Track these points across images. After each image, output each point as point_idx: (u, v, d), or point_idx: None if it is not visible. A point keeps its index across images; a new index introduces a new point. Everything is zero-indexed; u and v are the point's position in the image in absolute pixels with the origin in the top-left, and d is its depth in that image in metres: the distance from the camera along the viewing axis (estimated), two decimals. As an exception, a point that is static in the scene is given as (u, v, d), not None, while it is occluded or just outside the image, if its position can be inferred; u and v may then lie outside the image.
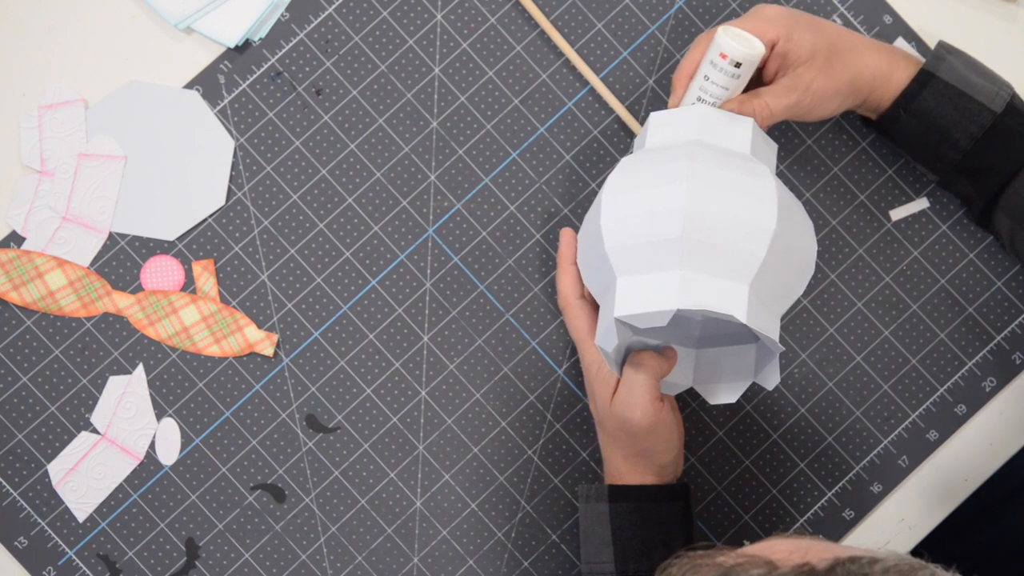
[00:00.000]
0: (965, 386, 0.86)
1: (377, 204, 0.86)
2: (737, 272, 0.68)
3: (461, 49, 0.87)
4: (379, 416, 0.84)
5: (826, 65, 0.76)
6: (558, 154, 0.86)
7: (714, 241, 0.68)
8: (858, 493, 0.85)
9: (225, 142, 0.85)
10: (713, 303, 0.67)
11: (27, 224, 0.84)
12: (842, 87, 0.77)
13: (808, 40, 0.76)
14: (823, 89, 0.76)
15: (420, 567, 0.84)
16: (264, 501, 0.84)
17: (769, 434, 0.85)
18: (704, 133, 0.74)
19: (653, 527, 0.75)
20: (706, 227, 0.68)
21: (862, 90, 0.78)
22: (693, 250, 0.68)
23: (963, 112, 0.76)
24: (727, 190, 0.69)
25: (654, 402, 0.74)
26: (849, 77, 0.77)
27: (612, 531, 0.75)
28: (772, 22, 0.76)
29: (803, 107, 0.76)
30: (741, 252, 0.68)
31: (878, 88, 0.78)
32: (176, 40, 0.86)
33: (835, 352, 0.86)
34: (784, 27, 0.76)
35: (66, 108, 0.85)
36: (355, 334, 0.85)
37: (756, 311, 0.68)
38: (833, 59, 0.76)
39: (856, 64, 0.77)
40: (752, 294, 0.68)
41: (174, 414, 0.84)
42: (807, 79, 0.76)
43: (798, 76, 0.76)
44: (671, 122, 0.76)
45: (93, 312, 0.84)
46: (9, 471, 0.83)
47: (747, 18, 0.77)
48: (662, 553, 0.75)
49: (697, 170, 0.70)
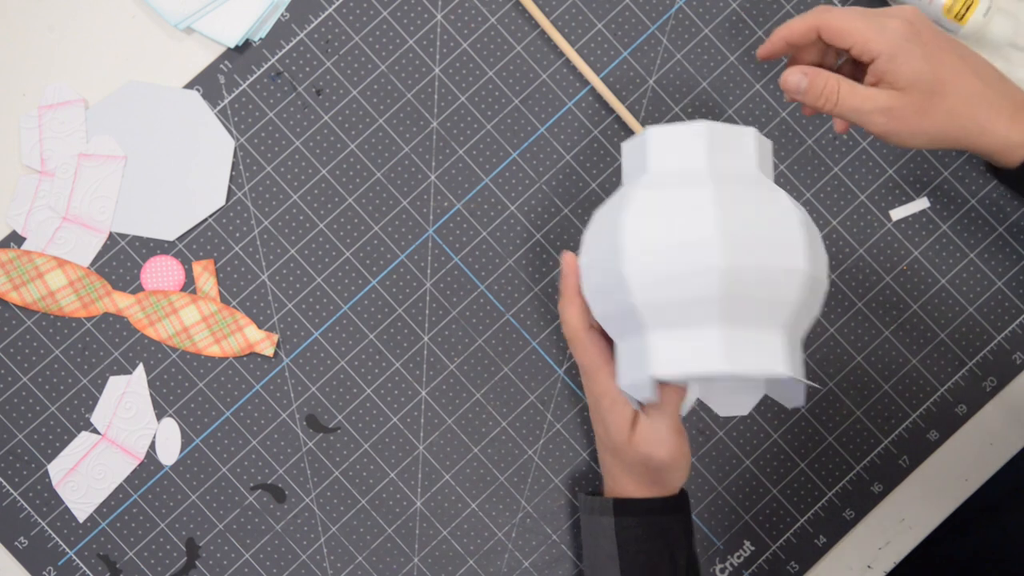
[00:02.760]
0: (965, 386, 0.86)
1: (377, 204, 0.86)
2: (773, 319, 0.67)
3: (461, 49, 0.87)
4: (379, 416, 0.84)
5: (922, 101, 0.69)
6: (558, 154, 0.86)
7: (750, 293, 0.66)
8: (858, 493, 0.85)
9: (225, 142, 0.85)
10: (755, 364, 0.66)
11: (27, 224, 0.84)
12: (930, 131, 0.70)
13: (912, 70, 0.69)
14: (905, 123, 0.70)
15: (420, 567, 0.84)
16: (264, 501, 0.84)
17: (769, 434, 0.85)
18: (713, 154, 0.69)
19: (658, 540, 0.74)
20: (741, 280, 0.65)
21: (963, 142, 0.71)
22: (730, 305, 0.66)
23: None
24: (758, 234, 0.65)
25: (678, 437, 0.72)
26: (945, 126, 0.70)
27: (618, 545, 0.75)
28: (882, 34, 0.69)
29: (874, 125, 0.70)
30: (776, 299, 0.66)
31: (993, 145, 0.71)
32: (176, 40, 0.86)
33: (835, 352, 0.86)
34: (891, 45, 0.69)
35: (66, 108, 0.85)
36: (355, 334, 0.85)
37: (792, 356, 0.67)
38: (934, 98, 0.69)
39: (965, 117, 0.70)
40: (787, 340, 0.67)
41: (174, 414, 0.84)
42: (891, 102, 0.70)
43: (886, 95, 0.70)
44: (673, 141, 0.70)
45: (93, 312, 0.84)
46: (9, 471, 0.83)
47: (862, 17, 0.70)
48: (668, 566, 0.75)
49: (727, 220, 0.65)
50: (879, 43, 0.69)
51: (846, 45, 0.71)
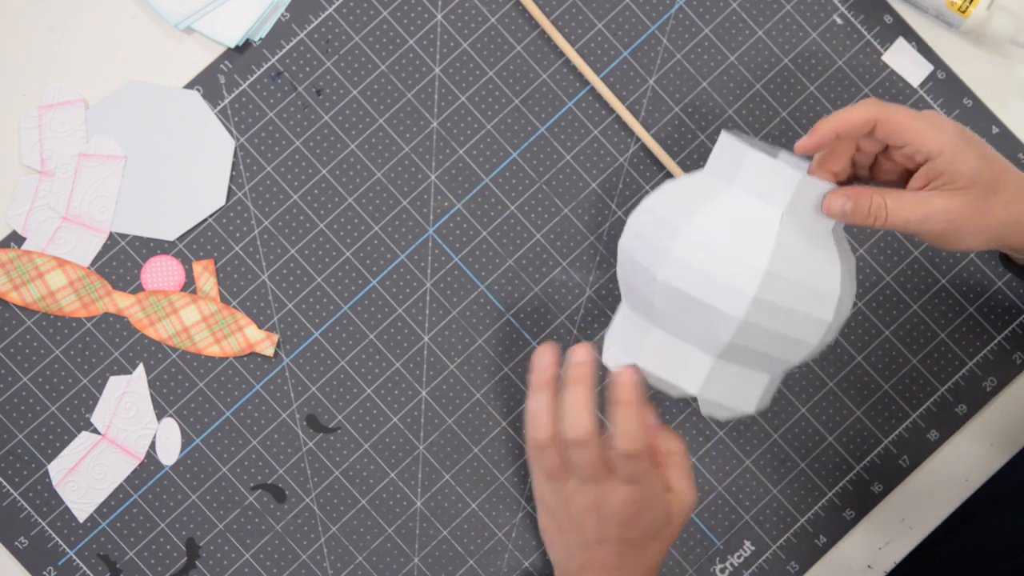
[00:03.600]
0: (965, 386, 0.86)
1: (377, 204, 0.86)
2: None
3: (461, 49, 0.87)
4: (379, 416, 0.84)
5: (981, 200, 0.67)
6: (558, 154, 0.86)
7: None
8: (858, 493, 0.85)
9: (225, 142, 0.85)
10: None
11: (27, 224, 0.84)
12: (990, 227, 0.68)
13: (972, 168, 0.67)
14: (966, 223, 0.67)
15: (420, 567, 0.84)
16: (264, 501, 0.84)
17: (769, 434, 0.85)
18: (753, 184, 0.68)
19: None
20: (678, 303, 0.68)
21: (1017, 236, 0.70)
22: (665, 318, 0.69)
23: None
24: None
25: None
26: (1003, 220, 0.68)
27: None
28: (940, 133, 0.67)
29: (934, 230, 0.67)
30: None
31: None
32: (176, 40, 0.86)
33: (835, 352, 0.86)
34: (951, 144, 0.67)
35: (66, 108, 0.85)
36: (355, 334, 0.85)
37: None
38: (991, 197, 0.67)
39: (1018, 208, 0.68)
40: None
41: (174, 414, 0.84)
42: (950, 204, 0.67)
43: (942, 197, 0.67)
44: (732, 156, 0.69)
45: (93, 312, 0.84)
46: (9, 471, 0.83)
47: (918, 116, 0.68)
48: None
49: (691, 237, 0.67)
50: (938, 142, 0.67)
51: (902, 143, 0.68)
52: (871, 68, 0.87)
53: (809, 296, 0.67)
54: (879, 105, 0.67)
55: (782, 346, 0.69)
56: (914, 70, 0.88)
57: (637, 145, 0.87)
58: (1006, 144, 0.87)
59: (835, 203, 0.67)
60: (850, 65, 0.87)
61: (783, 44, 0.87)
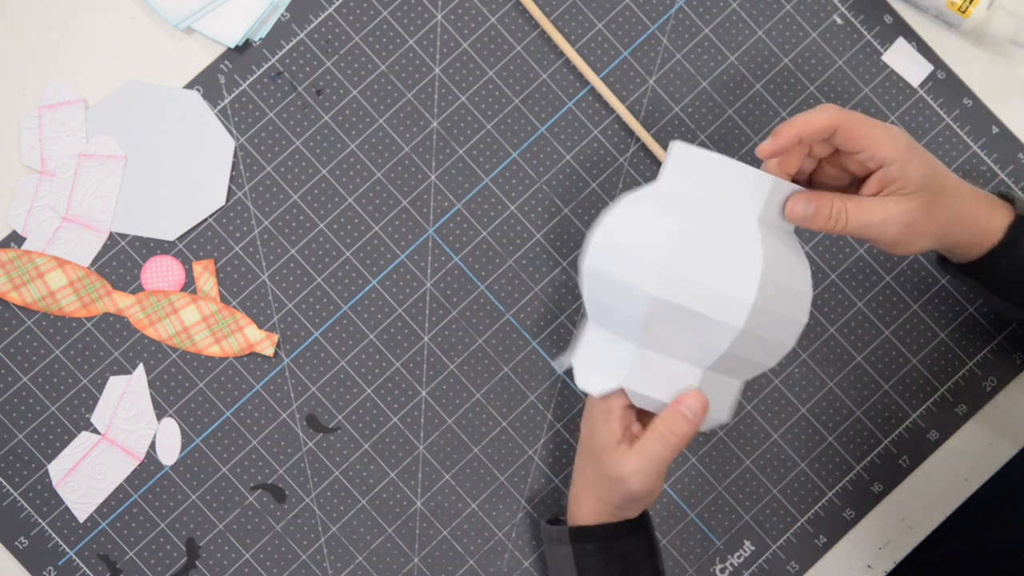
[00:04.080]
0: (965, 386, 0.86)
1: (377, 204, 0.86)
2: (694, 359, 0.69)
3: (461, 49, 0.87)
4: (379, 416, 0.84)
5: (929, 204, 0.70)
6: (558, 154, 0.86)
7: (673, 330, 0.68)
8: (858, 493, 0.85)
9: (225, 142, 0.85)
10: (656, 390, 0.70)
11: (27, 224, 0.84)
12: (937, 230, 0.71)
13: (922, 173, 0.69)
14: (919, 226, 0.70)
15: (420, 567, 0.84)
16: (264, 501, 0.84)
17: (769, 434, 0.85)
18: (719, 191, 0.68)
19: (618, 564, 0.74)
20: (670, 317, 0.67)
21: (954, 235, 0.73)
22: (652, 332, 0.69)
23: None
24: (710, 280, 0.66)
25: (660, 480, 0.71)
26: (945, 221, 0.71)
27: (578, 573, 0.74)
28: (894, 140, 0.69)
29: (887, 235, 0.70)
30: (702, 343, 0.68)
31: (975, 235, 0.73)
32: (176, 40, 0.86)
33: (835, 352, 0.86)
34: (903, 152, 0.69)
35: (66, 108, 0.85)
36: (355, 334, 0.85)
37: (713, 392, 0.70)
38: (937, 200, 0.70)
39: (957, 210, 0.72)
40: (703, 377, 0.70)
41: (174, 414, 0.84)
42: (903, 208, 0.69)
43: (895, 202, 0.70)
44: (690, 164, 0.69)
45: (93, 312, 0.84)
46: (9, 471, 0.83)
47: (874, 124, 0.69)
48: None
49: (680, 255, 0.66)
50: (892, 149, 0.69)
51: (859, 148, 0.69)
52: (871, 68, 0.87)
53: (791, 299, 0.68)
54: (840, 111, 0.69)
55: (765, 351, 0.69)
56: (914, 70, 0.88)
57: (637, 145, 0.87)
58: (1006, 144, 0.87)
59: (797, 208, 0.69)
60: (850, 65, 0.87)
61: (783, 44, 0.87)
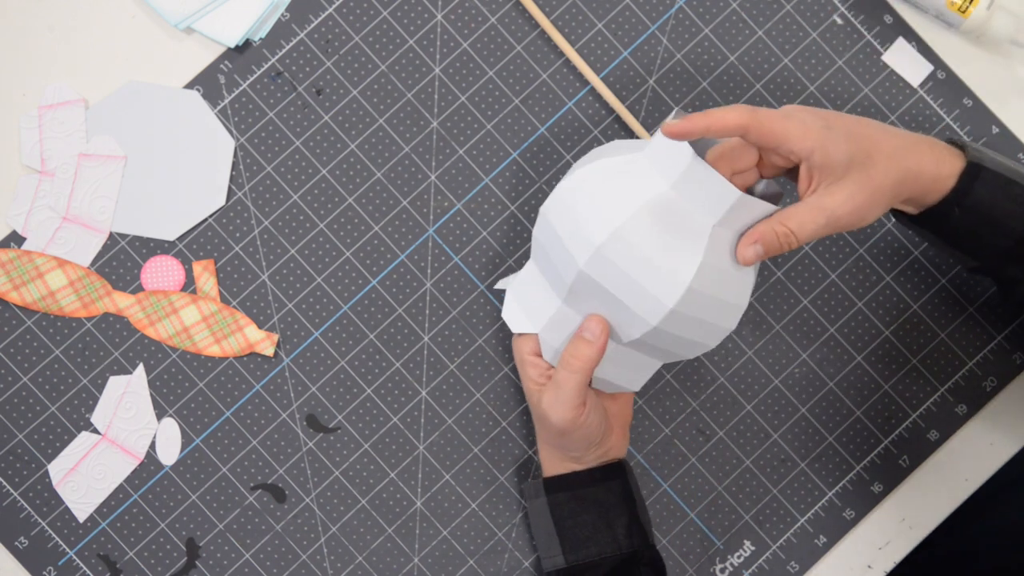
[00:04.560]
0: (965, 386, 0.86)
1: (377, 204, 0.86)
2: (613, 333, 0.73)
3: (461, 49, 0.87)
4: (379, 416, 0.84)
5: (864, 177, 0.69)
6: (558, 154, 0.86)
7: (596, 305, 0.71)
8: (858, 493, 0.85)
9: (225, 142, 0.85)
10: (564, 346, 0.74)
11: (27, 224, 0.84)
12: (883, 196, 0.71)
13: (844, 153, 0.69)
14: (862, 204, 0.70)
15: (420, 567, 0.84)
16: (264, 501, 0.84)
17: (769, 434, 0.85)
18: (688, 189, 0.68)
19: (592, 511, 0.77)
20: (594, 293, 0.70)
21: (905, 192, 0.72)
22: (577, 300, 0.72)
23: (1015, 199, 0.73)
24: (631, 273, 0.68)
25: (576, 408, 0.74)
26: (891, 183, 0.70)
27: (554, 522, 0.77)
28: (807, 130, 0.69)
29: (840, 224, 0.70)
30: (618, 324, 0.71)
31: (925, 186, 0.72)
32: (176, 40, 0.86)
33: (835, 352, 0.86)
34: (819, 139, 0.69)
35: (66, 108, 0.85)
36: (355, 334, 0.85)
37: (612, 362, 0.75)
38: (871, 168, 0.70)
39: (898, 169, 0.71)
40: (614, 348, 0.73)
41: (174, 414, 0.84)
42: (841, 198, 0.69)
43: (831, 195, 0.69)
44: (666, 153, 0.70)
45: (93, 312, 0.84)
46: (9, 471, 0.83)
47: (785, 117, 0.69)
48: (606, 535, 0.76)
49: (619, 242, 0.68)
50: (808, 141, 0.69)
51: (773, 146, 0.69)
52: (871, 68, 0.87)
53: (720, 308, 0.70)
54: (750, 112, 0.68)
55: (684, 347, 0.72)
56: (914, 70, 0.88)
57: (637, 145, 0.87)
58: (1006, 144, 0.87)
59: (748, 253, 0.70)
60: (850, 65, 0.87)
61: (783, 44, 0.87)
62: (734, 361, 0.86)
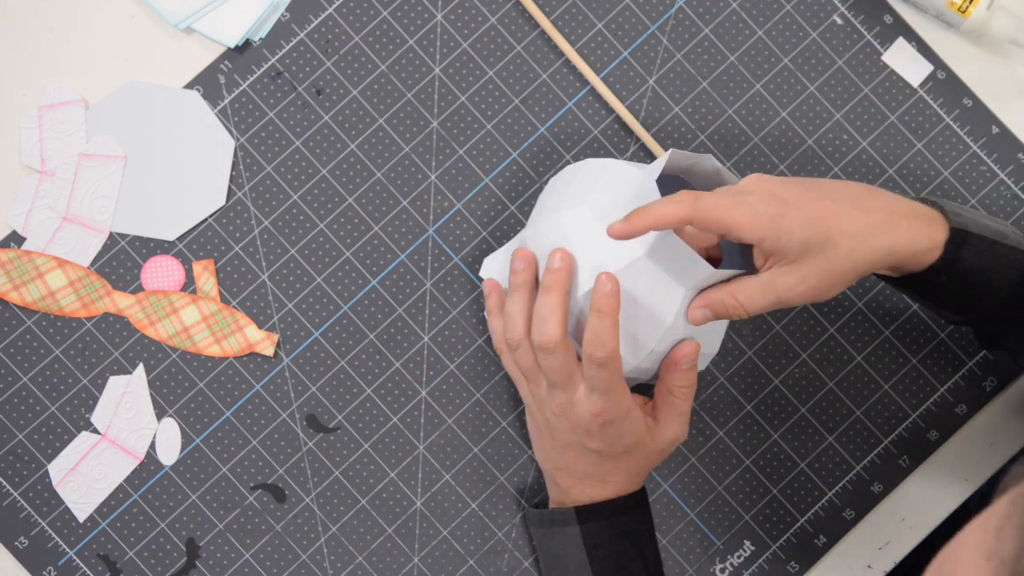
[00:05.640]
0: (965, 386, 0.86)
1: (377, 204, 0.86)
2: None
3: (461, 49, 0.87)
4: (379, 416, 0.84)
5: (820, 261, 0.68)
6: (558, 154, 0.86)
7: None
8: (858, 493, 0.85)
9: (225, 142, 0.85)
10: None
11: (27, 224, 0.84)
12: (841, 277, 0.69)
13: (797, 240, 0.67)
14: (815, 286, 0.68)
15: (420, 567, 0.84)
16: (264, 501, 0.84)
17: (769, 434, 0.85)
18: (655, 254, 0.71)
19: (625, 540, 0.75)
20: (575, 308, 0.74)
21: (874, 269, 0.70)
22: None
23: (1001, 261, 0.70)
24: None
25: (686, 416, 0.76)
26: (852, 265, 0.68)
27: (587, 552, 0.75)
28: (756, 219, 0.67)
29: (792, 303, 0.69)
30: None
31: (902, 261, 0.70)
32: (176, 40, 0.86)
33: (835, 352, 0.86)
34: (769, 227, 0.67)
35: (66, 108, 0.85)
36: (355, 334, 0.85)
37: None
38: (830, 250, 0.68)
39: (863, 251, 0.68)
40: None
41: (174, 414, 0.84)
42: (792, 280, 0.68)
43: (783, 276, 0.68)
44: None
45: (93, 312, 0.84)
46: (9, 471, 0.83)
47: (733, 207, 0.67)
48: (638, 564, 0.75)
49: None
50: (756, 230, 0.67)
51: (720, 232, 0.69)
52: (871, 68, 0.87)
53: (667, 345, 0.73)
54: (692, 202, 0.67)
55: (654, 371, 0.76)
56: (914, 70, 0.88)
57: (637, 145, 0.87)
58: (1006, 144, 0.87)
59: (696, 315, 0.71)
60: (850, 65, 0.87)
61: (783, 44, 0.87)
62: (734, 361, 0.86)
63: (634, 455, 0.75)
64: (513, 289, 0.75)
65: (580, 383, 0.72)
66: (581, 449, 0.74)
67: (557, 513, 0.77)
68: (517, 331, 0.74)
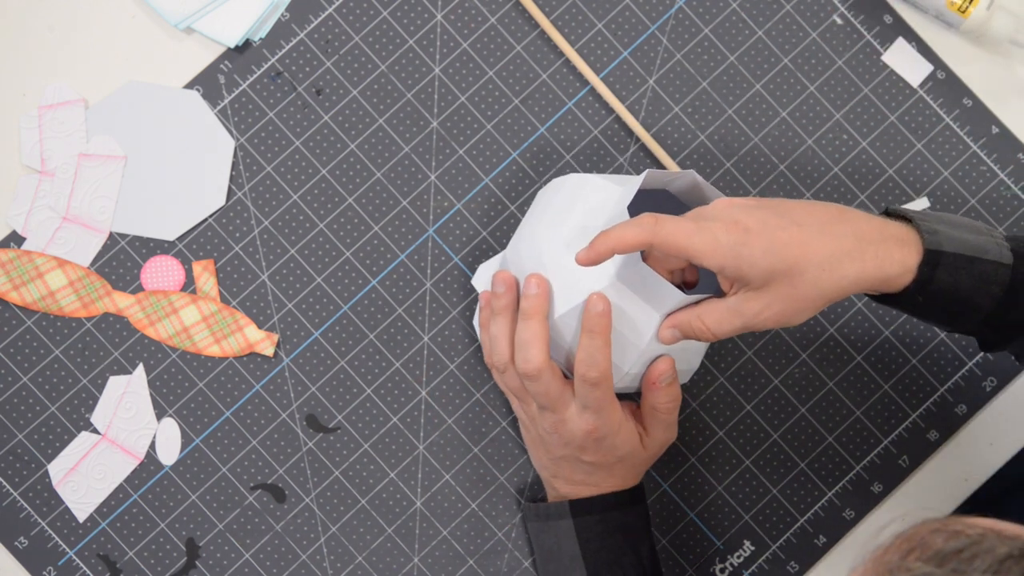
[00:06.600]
0: (965, 386, 0.86)
1: (377, 204, 0.86)
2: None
3: (461, 49, 0.87)
4: (379, 416, 0.84)
5: (785, 289, 0.67)
6: (558, 154, 0.86)
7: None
8: (858, 493, 0.85)
9: (225, 142, 0.85)
10: None
11: (27, 224, 0.84)
12: (808, 304, 0.68)
13: (759, 269, 0.66)
14: (780, 312, 0.67)
15: (420, 567, 0.84)
16: (264, 501, 0.84)
17: (769, 434, 0.85)
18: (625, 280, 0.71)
19: (618, 534, 0.76)
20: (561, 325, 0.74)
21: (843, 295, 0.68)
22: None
23: (979, 277, 0.68)
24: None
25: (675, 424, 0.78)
26: (819, 293, 0.67)
27: (580, 545, 0.76)
28: (717, 247, 0.66)
29: (760, 327, 0.68)
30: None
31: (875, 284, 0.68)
32: (176, 40, 0.86)
33: (835, 352, 0.86)
34: (730, 256, 0.66)
35: (66, 108, 0.85)
36: (355, 334, 0.85)
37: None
38: (795, 278, 0.66)
39: (830, 279, 0.67)
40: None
41: (174, 414, 0.84)
42: (758, 307, 0.67)
43: (748, 302, 0.68)
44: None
45: (93, 312, 0.84)
46: (9, 471, 0.83)
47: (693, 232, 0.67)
48: (631, 559, 0.76)
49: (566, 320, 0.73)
50: (717, 258, 0.66)
51: (681, 257, 0.68)
52: (871, 68, 0.87)
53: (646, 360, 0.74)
54: (652, 226, 0.66)
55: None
56: (914, 70, 0.88)
57: (637, 145, 0.87)
58: (1006, 144, 0.87)
59: (667, 335, 0.71)
60: (850, 65, 0.87)
61: (783, 44, 0.87)
62: (734, 361, 0.86)
63: (627, 462, 0.76)
64: (496, 313, 0.75)
65: (571, 402, 0.73)
66: (575, 461, 0.76)
67: (552, 507, 0.78)
68: (503, 356, 0.75)
